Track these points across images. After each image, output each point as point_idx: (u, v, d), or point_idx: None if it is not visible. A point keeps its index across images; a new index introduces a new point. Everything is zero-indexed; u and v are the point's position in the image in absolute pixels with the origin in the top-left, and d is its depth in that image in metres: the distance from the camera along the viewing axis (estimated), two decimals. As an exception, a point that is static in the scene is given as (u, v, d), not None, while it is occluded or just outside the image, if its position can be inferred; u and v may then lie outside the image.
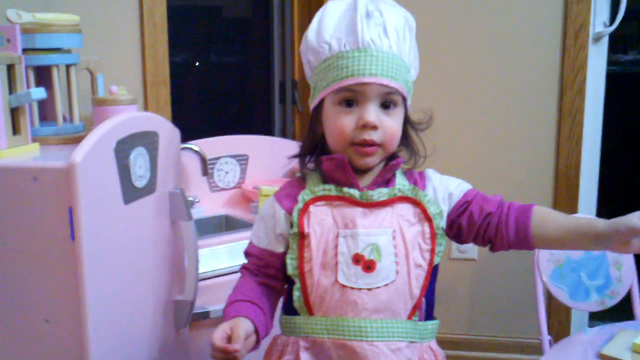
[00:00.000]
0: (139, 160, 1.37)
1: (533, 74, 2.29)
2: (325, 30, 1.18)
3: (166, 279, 1.53)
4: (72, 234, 1.19)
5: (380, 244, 1.18)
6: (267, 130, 2.63)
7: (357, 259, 1.18)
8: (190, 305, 1.57)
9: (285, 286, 1.27)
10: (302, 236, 1.19)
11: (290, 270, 1.20)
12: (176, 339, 1.60)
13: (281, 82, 2.60)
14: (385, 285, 1.18)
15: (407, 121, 1.24)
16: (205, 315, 1.69)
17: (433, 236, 1.21)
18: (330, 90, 1.17)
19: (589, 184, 2.37)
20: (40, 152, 1.40)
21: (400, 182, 1.24)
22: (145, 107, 2.02)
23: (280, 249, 1.23)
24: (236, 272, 1.75)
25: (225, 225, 2.11)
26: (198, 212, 2.05)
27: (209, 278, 1.72)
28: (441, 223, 1.22)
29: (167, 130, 1.51)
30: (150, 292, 1.46)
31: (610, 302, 1.93)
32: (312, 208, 1.20)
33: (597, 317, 2.33)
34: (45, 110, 1.66)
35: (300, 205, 1.20)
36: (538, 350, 1.86)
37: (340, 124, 1.17)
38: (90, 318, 1.22)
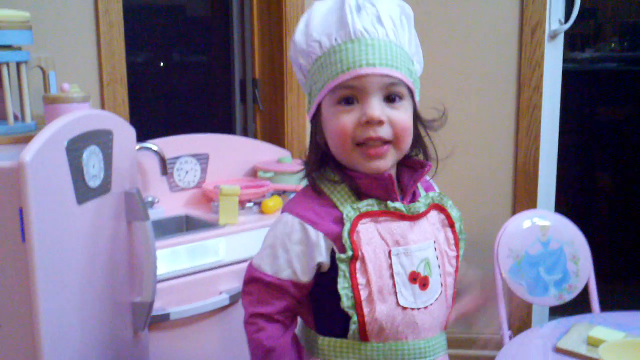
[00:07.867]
0: (92, 159, 1.34)
1: (491, 71, 2.31)
2: (313, 30, 1.07)
3: (123, 280, 1.50)
4: (22, 235, 1.16)
5: (429, 258, 1.09)
6: (228, 129, 2.61)
7: (413, 277, 1.07)
8: (149, 307, 1.55)
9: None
10: (354, 260, 1.04)
11: (346, 302, 1.04)
12: (135, 342, 1.57)
13: (242, 81, 2.58)
14: (436, 299, 1.11)
15: (417, 119, 1.13)
16: (165, 317, 1.66)
17: (457, 242, 1.14)
18: (326, 90, 1.05)
19: (547, 179, 2.41)
20: (-10, 152, 1.36)
21: (422, 190, 1.17)
22: (102, 106, 1.99)
23: (305, 279, 1.08)
24: (197, 272, 1.77)
25: (185, 225, 2.09)
26: (158, 212, 2.02)
27: (169, 279, 1.70)
28: (462, 227, 1.15)
29: (121, 129, 1.49)
30: (106, 294, 1.43)
31: (568, 297, 1.96)
32: (359, 226, 1.05)
33: (558, 312, 2.35)
34: (-4, 110, 1.61)
35: (348, 225, 1.04)
36: (499, 345, 1.87)
37: (339, 124, 1.04)
38: (43, 321, 1.19)
